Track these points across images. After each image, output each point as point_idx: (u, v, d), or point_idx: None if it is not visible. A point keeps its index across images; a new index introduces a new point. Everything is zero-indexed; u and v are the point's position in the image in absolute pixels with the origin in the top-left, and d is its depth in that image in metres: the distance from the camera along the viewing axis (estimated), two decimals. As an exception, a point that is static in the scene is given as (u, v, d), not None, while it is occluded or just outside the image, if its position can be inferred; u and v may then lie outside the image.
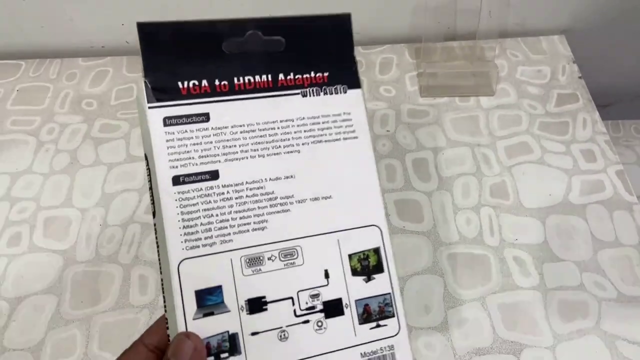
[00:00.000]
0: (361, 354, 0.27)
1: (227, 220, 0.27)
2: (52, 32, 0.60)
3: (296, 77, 0.29)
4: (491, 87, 0.58)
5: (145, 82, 0.27)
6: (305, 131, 0.29)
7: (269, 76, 0.29)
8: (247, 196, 0.27)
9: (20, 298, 0.43)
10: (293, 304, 0.27)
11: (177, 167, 0.27)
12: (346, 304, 0.28)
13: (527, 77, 0.59)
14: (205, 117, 0.28)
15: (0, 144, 0.53)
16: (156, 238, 0.27)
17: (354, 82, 0.30)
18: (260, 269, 0.27)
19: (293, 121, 0.29)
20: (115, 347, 0.41)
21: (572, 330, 0.41)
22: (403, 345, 0.28)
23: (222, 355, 0.26)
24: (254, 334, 0.26)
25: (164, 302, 0.27)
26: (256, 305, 0.27)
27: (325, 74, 0.30)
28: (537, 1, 0.62)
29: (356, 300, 0.28)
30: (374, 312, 0.28)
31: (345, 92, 0.30)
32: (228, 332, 0.26)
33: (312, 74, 0.30)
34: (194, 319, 0.26)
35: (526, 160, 0.52)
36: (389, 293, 0.28)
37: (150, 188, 0.27)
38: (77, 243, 0.46)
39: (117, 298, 0.43)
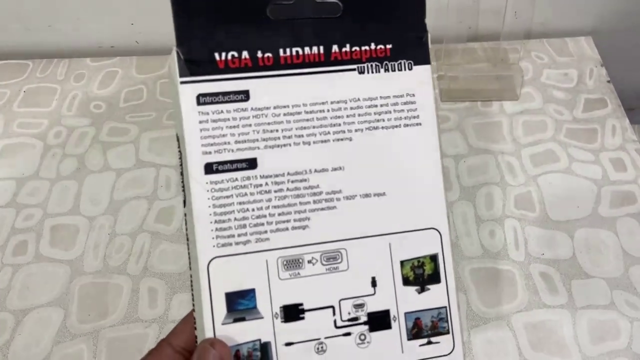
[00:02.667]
0: None
1: (265, 216, 0.24)
2: (59, 31, 0.59)
3: (353, 49, 0.25)
4: (515, 92, 0.55)
5: (177, 52, 0.24)
6: (359, 115, 0.25)
7: (321, 48, 0.25)
8: (288, 189, 0.24)
9: (26, 310, 0.42)
10: (334, 314, 0.24)
11: (210, 152, 0.24)
12: (394, 316, 0.25)
13: (553, 80, 0.57)
14: (245, 95, 0.24)
15: (6, 148, 0.51)
16: (186, 230, 0.25)
17: (422, 57, 0.26)
18: (298, 273, 0.24)
19: (346, 103, 0.25)
20: (123, 363, 0.39)
21: (602, 352, 0.39)
22: None
23: None
24: (288, 344, 0.24)
25: (192, 300, 0.24)
26: (292, 312, 0.24)
27: (388, 46, 0.25)
28: (563, 1, 0.59)
29: (406, 313, 0.25)
30: (425, 327, 0.25)
31: (410, 68, 0.26)
32: (260, 340, 0.24)
33: (372, 46, 0.25)
34: (223, 323, 0.23)
35: (552, 169, 0.50)
36: (445, 307, 0.25)
37: (182, 173, 0.24)
38: (85, 253, 0.45)
39: (125, 311, 0.42)
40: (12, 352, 0.40)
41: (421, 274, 0.25)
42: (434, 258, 0.26)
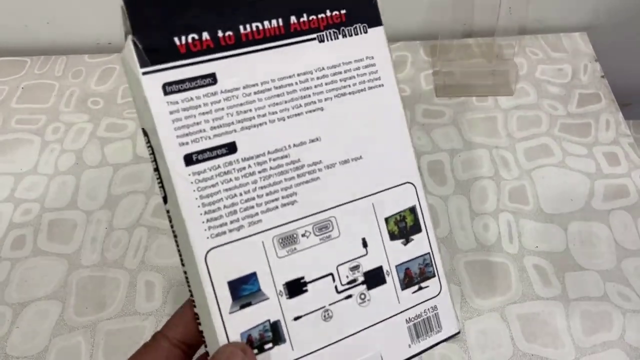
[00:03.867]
0: (406, 320, 0.26)
1: (253, 198, 0.24)
2: (57, 28, 0.59)
3: (310, 18, 0.25)
4: (510, 87, 0.55)
5: (133, 41, 0.22)
6: (326, 84, 0.26)
7: (280, 20, 0.25)
8: (271, 168, 0.24)
9: (24, 303, 0.42)
10: (334, 280, 0.25)
11: (187, 143, 0.23)
12: (387, 271, 0.26)
13: (548, 76, 0.57)
14: (212, 78, 0.24)
15: (5, 144, 0.52)
16: (172, 226, 0.24)
17: (374, 19, 0.27)
18: (295, 248, 0.25)
19: (312, 73, 0.25)
20: (120, 355, 0.39)
21: (595, 343, 0.40)
22: (446, 304, 0.27)
23: (266, 346, 0.24)
24: (296, 318, 0.24)
25: (191, 295, 0.24)
26: (296, 287, 0.25)
27: (343, 12, 0.26)
28: (558, -3, 0.59)
29: (397, 266, 0.26)
30: (415, 275, 0.27)
31: (365, 31, 0.26)
32: (269, 320, 0.24)
33: (328, 13, 0.26)
34: (230, 312, 0.23)
35: (546, 163, 0.50)
36: (428, 253, 0.27)
37: (156, 169, 0.24)
38: (83, 247, 0.45)
39: (122, 304, 0.42)
40: (10, 345, 0.40)
41: (404, 226, 0.27)
42: (412, 210, 0.27)
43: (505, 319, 0.41)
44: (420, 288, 0.27)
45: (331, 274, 0.25)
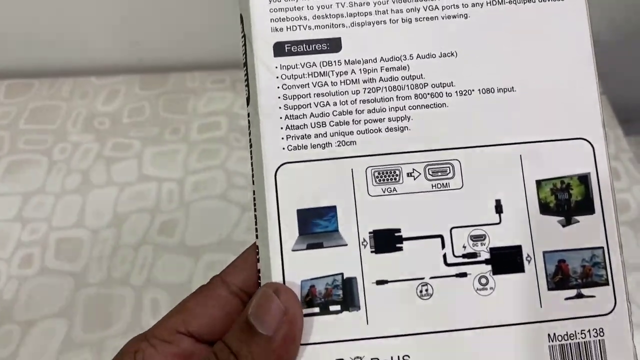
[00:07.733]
0: (549, 336, 0.18)
1: (351, 112, 0.19)
2: (64, 50, 0.60)
3: None
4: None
5: None
6: None
7: None
8: (381, 79, 0.19)
9: (31, 321, 0.42)
10: (443, 246, 0.19)
11: (281, 29, 0.19)
12: (528, 255, 0.19)
13: (547, 93, 0.58)
14: None
15: (13, 164, 0.53)
16: (249, 134, 0.20)
17: None
18: (394, 189, 0.19)
19: None
20: (126, 373, 0.40)
21: (599, 357, 0.40)
22: (619, 330, 0.19)
23: (332, 308, 0.18)
24: (380, 282, 0.18)
25: (255, 223, 0.19)
26: (386, 240, 0.19)
27: None
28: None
29: (545, 253, 0.19)
30: (573, 275, 0.19)
31: None
32: (342, 275, 0.18)
33: None
34: (293, 250, 0.18)
35: (547, 178, 0.51)
36: (601, 247, 0.20)
37: (245, 64, 0.19)
38: (89, 265, 0.45)
39: (128, 322, 0.42)
40: (17, 363, 0.40)
41: (566, 199, 0.19)
42: (584, 179, 0.20)
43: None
44: (581, 296, 0.19)
45: (441, 237, 0.19)
